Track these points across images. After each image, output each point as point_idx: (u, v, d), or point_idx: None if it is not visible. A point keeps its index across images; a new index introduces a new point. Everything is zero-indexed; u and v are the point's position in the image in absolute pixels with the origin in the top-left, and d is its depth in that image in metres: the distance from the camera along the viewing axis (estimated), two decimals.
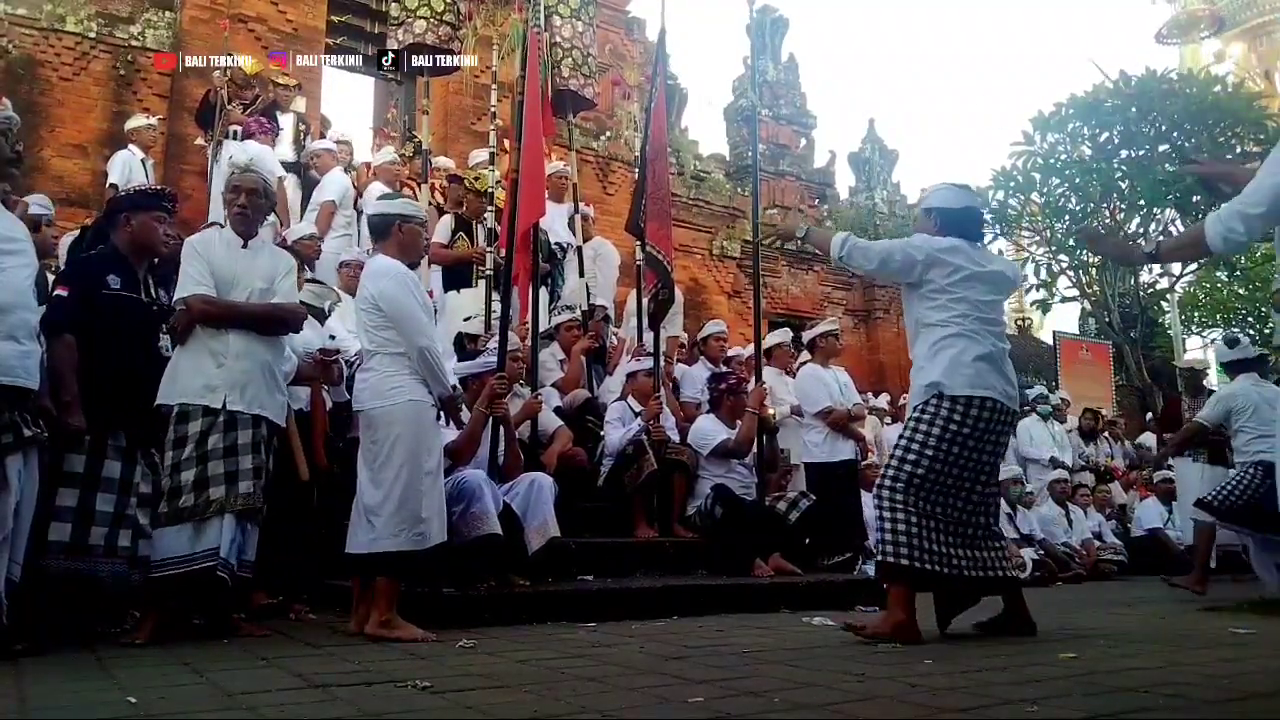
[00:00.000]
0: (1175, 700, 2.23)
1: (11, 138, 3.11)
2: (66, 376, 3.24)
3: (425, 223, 3.95)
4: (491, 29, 7.33)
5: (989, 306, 3.50)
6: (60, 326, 3.27)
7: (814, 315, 11.38)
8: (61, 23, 8.32)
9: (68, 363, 3.26)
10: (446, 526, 3.59)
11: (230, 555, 3.33)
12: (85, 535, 3.27)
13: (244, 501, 3.36)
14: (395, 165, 7.43)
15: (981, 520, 3.49)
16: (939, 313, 3.44)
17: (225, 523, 3.32)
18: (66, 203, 7.36)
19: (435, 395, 3.58)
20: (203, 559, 3.28)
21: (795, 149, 13.68)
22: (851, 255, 3.59)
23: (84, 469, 3.32)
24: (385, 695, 2.32)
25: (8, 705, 2.25)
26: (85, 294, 3.40)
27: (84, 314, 3.36)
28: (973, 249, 3.55)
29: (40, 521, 3.15)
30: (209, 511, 3.31)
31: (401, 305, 3.54)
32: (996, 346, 3.45)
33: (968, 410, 3.35)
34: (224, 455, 3.37)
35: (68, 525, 3.25)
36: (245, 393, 3.44)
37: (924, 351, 3.47)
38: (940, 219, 3.59)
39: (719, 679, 2.53)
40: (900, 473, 3.36)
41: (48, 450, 3.14)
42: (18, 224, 3.21)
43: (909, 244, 3.53)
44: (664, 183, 5.98)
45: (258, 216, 3.70)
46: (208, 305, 3.44)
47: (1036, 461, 9.15)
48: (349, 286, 5.92)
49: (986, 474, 3.47)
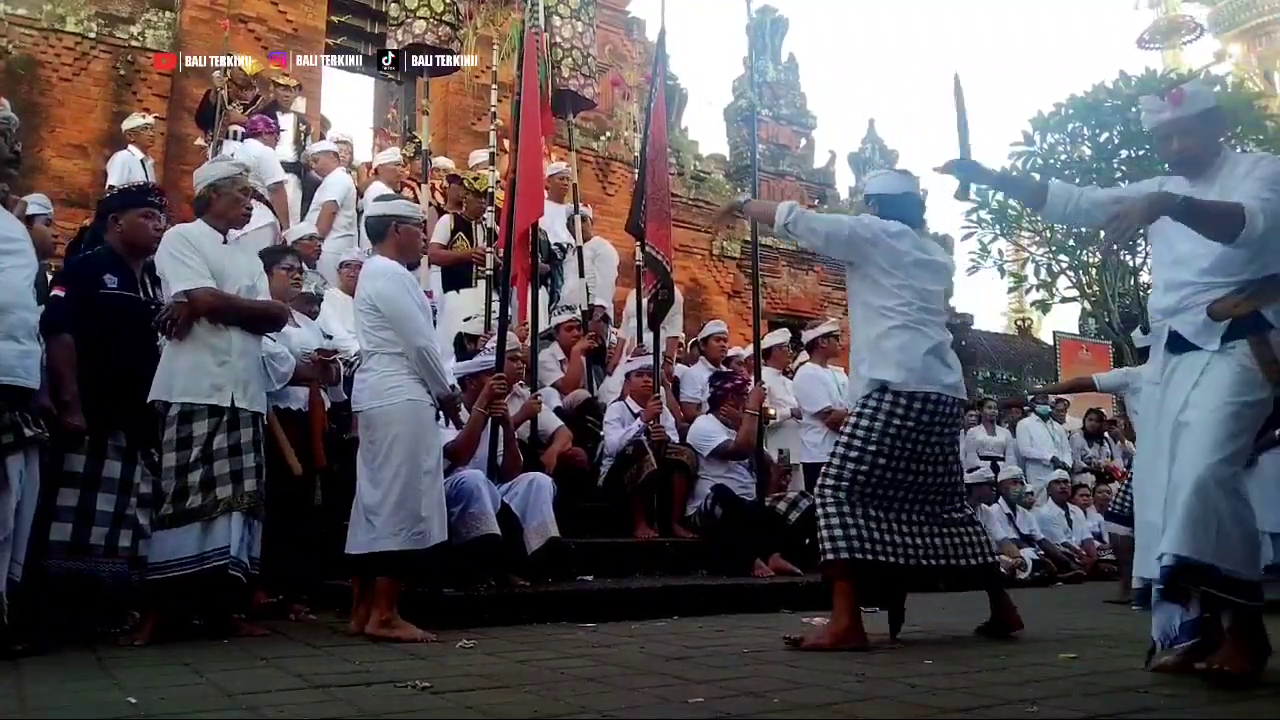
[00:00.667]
0: (1175, 700, 2.23)
1: (10, 138, 3.11)
2: (65, 376, 3.23)
3: (423, 223, 3.95)
4: (492, 29, 7.32)
5: (933, 296, 3.45)
6: (59, 326, 3.26)
7: (814, 315, 11.37)
8: (61, 23, 8.32)
9: (66, 362, 3.25)
10: (446, 526, 3.60)
11: (241, 553, 3.33)
12: (86, 535, 3.27)
13: (250, 500, 3.36)
14: (398, 165, 7.41)
15: (937, 509, 3.42)
16: (884, 299, 3.37)
17: (234, 521, 3.31)
18: (66, 203, 7.36)
19: (434, 395, 3.58)
20: (215, 558, 3.27)
21: (795, 149, 13.68)
22: (797, 224, 3.46)
23: (84, 469, 3.31)
24: (385, 695, 2.31)
25: (8, 705, 2.24)
26: (83, 294, 3.38)
27: (82, 314, 3.34)
28: (918, 235, 3.50)
29: (41, 521, 3.15)
30: (217, 511, 3.30)
31: (399, 305, 3.53)
32: (941, 337, 3.42)
33: (910, 404, 3.29)
34: (229, 454, 3.36)
35: (68, 525, 3.24)
36: (249, 390, 3.44)
37: (868, 340, 3.40)
38: (879, 205, 3.54)
39: (719, 679, 2.53)
40: (844, 471, 3.29)
41: (48, 450, 3.14)
42: (16, 224, 3.21)
43: (858, 221, 3.46)
44: (664, 183, 5.97)
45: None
46: (215, 299, 3.39)
47: (1037, 462, 9.15)
48: (349, 287, 5.92)
49: (940, 464, 3.41)
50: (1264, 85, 20.25)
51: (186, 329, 3.35)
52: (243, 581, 3.36)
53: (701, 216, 11.92)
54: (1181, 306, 2.65)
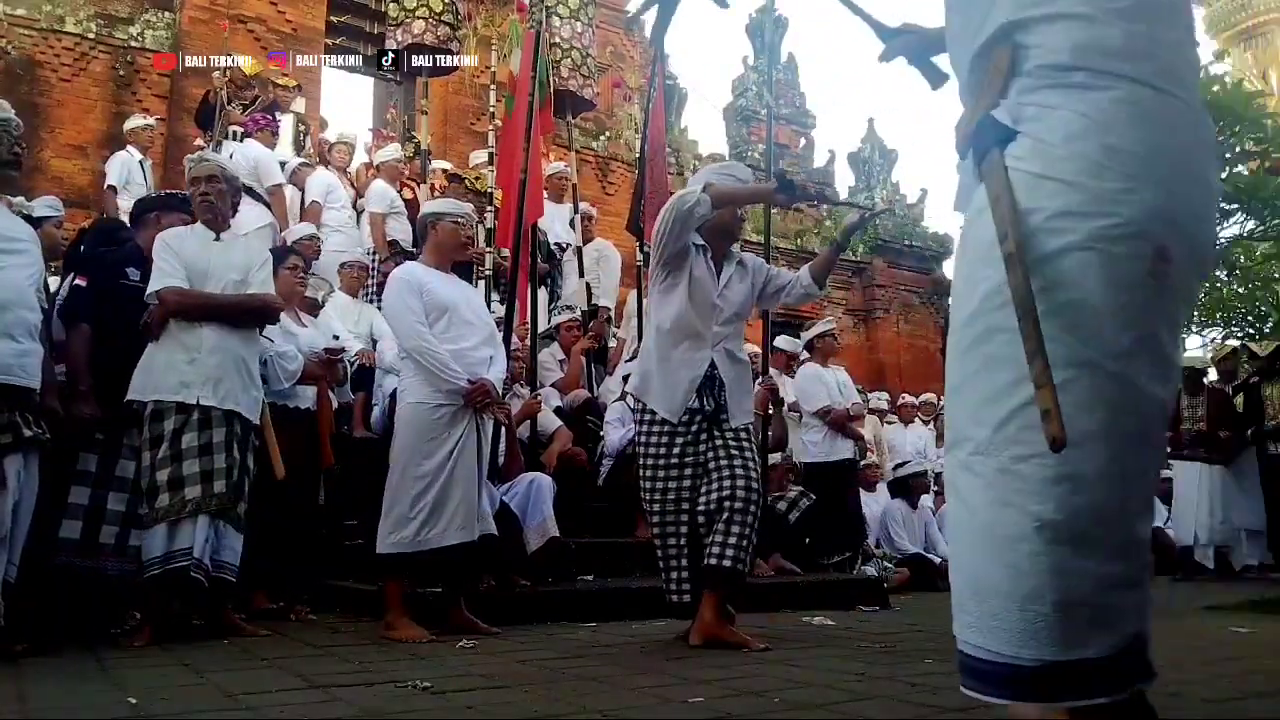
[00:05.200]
0: (1175, 700, 2.23)
1: (9, 139, 3.09)
2: (81, 366, 3.30)
3: (463, 218, 3.84)
4: (491, 29, 7.33)
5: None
6: (77, 316, 3.34)
7: (814, 315, 11.36)
8: (61, 23, 8.33)
9: (83, 352, 3.32)
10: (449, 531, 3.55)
11: (204, 556, 3.26)
12: (96, 534, 3.28)
13: (219, 501, 3.30)
14: (399, 162, 7.39)
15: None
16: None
17: (199, 523, 3.26)
18: (66, 204, 7.30)
19: (445, 394, 3.49)
20: (179, 558, 3.23)
21: (795, 149, 13.68)
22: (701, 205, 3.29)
23: (97, 468, 3.33)
24: (385, 695, 2.31)
25: (8, 705, 2.24)
26: (104, 285, 3.44)
27: (102, 306, 3.40)
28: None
29: (52, 519, 3.17)
30: (184, 512, 3.24)
31: (391, 310, 3.59)
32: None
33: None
34: (199, 454, 3.30)
35: (78, 523, 3.26)
36: (219, 388, 3.36)
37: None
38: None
39: (719, 679, 2.53)
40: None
41: (62, 448, 3.15)
42: (20, 224, 3.20)
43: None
44: (663, 182, 5.98)
45: (222, 203, 3.59)
46: (181, 297, 3.35)
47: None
48: (350, 288, 5.94)
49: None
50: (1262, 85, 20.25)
51: (161, 329, 3.36)
52: (204, 585, 3.28)
53: None
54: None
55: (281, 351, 3.91)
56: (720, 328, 3.42)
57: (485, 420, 3.63)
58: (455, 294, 3.67)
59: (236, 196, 3.74)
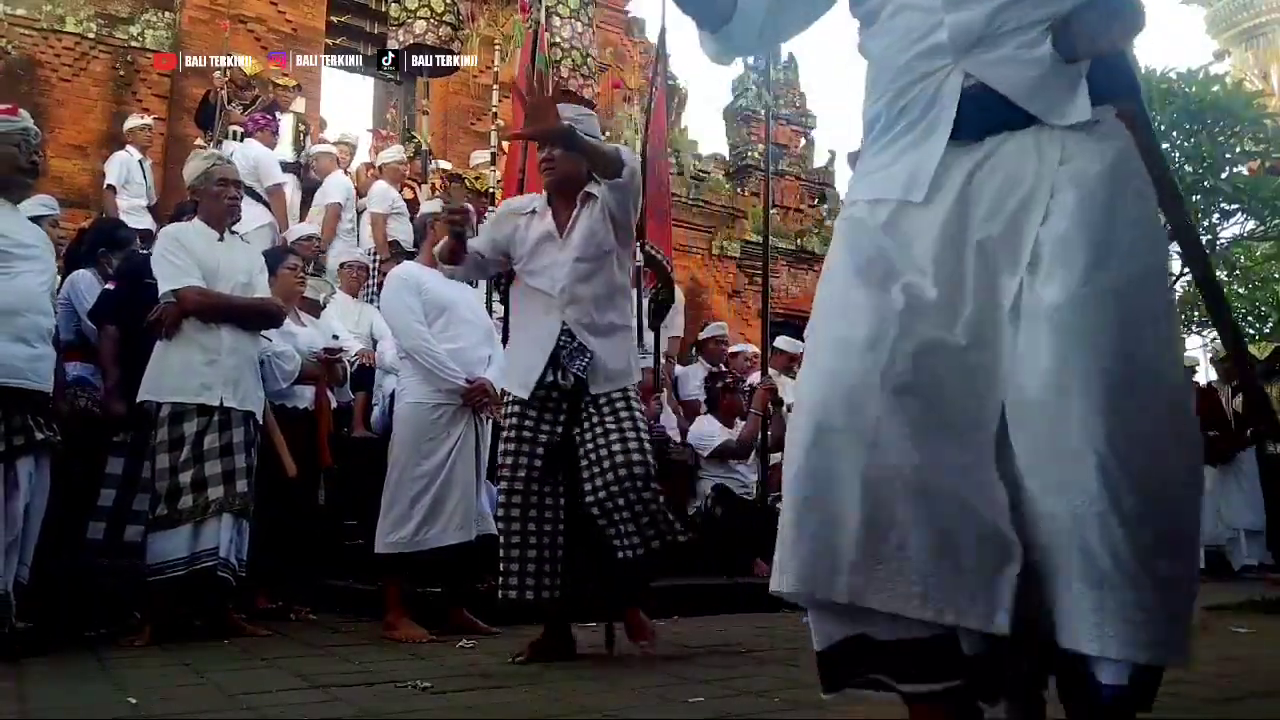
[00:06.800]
0: (1175, 700, 2.23)
1: (27, 148, 3.08)
2: (110, 366, 3.53)
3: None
4: (494, 29, 7.33)
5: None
6: (106, 318, 3.55)
7: None
8: (61, 23, 8.32)
9: (111, 352, 3.55)
10: (448, 531, 3.55)
11: (230, 555, 3.32)
12: (120, 534, 3.35)
13: (241, 501, 3.34)
14: (401, 163, 7.39)
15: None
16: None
17: (224, 522, 3.30)
18: (66, 204, 7.29)
19: (443, 393, 3.49)
20: (205, 559, 3.27)
21: (795, 149, 13.67)
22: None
23: (123, 470, 3.41)
24: (386, 695, 2.32)
25: (8, 705, 2.25)
26: (132, 288, 3.52)
27: (132, 309, 3.49)
28: None
29: (79, 520, 3.26)
30: (208, 512, 3.28)
31: (389, 310, 3.59)
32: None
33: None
34: (220, 455, 3.33)
35: (103, 525, 3.33)
36: (239, 389, 3.40)
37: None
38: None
39: (719, 679, 2.54)
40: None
41: (98, 446, 3.30)
42: (35, 230, 3.18)
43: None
44: (664, 182, 5.98)
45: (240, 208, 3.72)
46: (202, 297, 3.36)
47: None
48: (350, 288, 5.93)
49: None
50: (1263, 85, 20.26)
51: (175, 328, 3.35)
52: (231, 583, 3.33)
53: (702, 216, 11.93)
54: (992, 31, 1.27)
55: (279, 352, 3.91)
56: (576, 286, 2.97)
57: (484, 420, 3.62)
58: (453, 293, 3.66)
59: (241, 196, 3.84)
